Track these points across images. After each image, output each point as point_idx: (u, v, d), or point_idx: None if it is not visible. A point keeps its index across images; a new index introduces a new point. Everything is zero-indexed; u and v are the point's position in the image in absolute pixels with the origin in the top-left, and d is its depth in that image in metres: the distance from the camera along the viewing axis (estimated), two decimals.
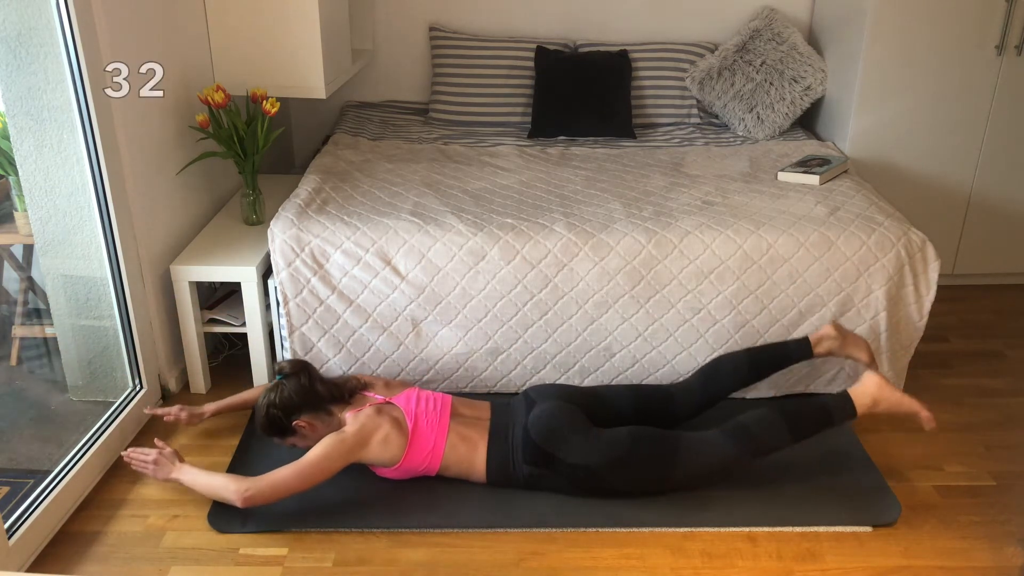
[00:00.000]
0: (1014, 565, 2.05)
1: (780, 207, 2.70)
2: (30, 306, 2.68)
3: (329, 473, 2.10)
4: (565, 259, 2.50)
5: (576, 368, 2.62)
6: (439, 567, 2.03)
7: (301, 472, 2.07)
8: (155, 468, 2.18)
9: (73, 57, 2.19)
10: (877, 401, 2.20)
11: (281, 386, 2.23)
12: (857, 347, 2.44)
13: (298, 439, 2.25)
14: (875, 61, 3.13)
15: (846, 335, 2.44)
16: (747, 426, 2.16)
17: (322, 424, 2.22)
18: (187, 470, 2.15)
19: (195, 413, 2.43)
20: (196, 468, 2.15)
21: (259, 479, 2.07)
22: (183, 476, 2.15)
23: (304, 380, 2.24)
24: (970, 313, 3.31)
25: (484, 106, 3.59)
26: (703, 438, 2.18)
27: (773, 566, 2.04)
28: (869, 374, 2.24)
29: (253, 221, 2.88)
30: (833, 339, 2.42)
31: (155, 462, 2.18)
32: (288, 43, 2.94)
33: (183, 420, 2.42)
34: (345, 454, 2.12)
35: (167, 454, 2.19)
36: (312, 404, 2.23)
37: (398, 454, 2.18)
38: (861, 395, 2.21)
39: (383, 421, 2.18)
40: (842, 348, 2.43)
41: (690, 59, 3.58)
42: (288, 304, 2.53)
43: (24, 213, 2.39)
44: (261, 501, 2.06)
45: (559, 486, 2.21)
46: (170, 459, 2.18)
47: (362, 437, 2.15)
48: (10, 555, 1.91)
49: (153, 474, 2.19)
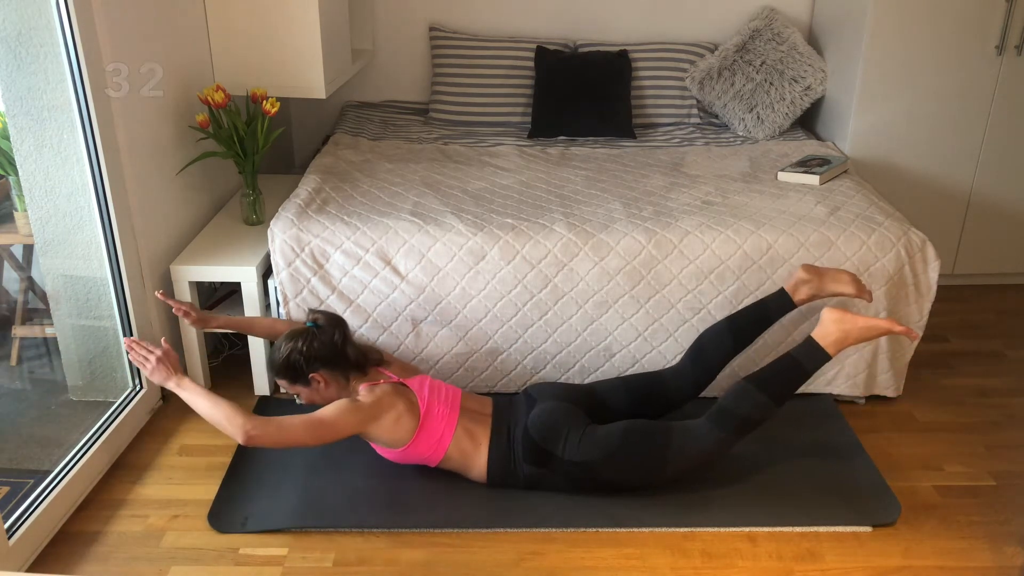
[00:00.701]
0: (1014, 565, 2.05)
1: (780, 207, 2.70)
2: (30, 306, 2.68)
3: (337, 435, 2.06)
4: (565, 259, 2.50)
5: (576, 368, 2.62)
6: (439, 567, 2.03)
7: (310, 425, 2.02)
8: (154, 368, 2.05)
9: (73, 57, 2.19)
10: (844, 333, 2.13)
11: (313, 335, 2.17)
12: (838, 281, 2.34)
13: (306, 391, 2.20)
14: (875, 61, 3.13)
15: (822, 272, 2.34)
16: (727, 407, 2.13)
17: (336, 385, 2.20)
18: (188, 384, 2.02)
19: (203, 318, 2.36)
20: (199, 387, 2.02)
21: (267, 420, 1.99)
22: (183, 389, 2.02)
23: (338, 337, 2.19)
24: (970, 313, 3.30)
25: (484, 106, 3.59)
26: (692, 426, 2.16)
27: (773, 566, 2.04)
28: (825, 310, 2.16)
29: (253, 221, 2.88)
30: (808, 281, 2.33)
31: (157, 360, 2.05)
32: (288, 43, 2.94)
33: (191, 318, 2.34)
34: (357, 423, 2.09)
35: (172, 357, 2.07)
36: (336, 363, 2.19)
37: (406, 438, 2.16)
38: (824, 334, 2.15)
39: (398, 401, 2.16)
40: (822, 287, 2.34)
41: (690, 59, 3.58)
42: (288, 304, 2.53)
43: (24, 213, 2.39)
44: (264, 442, 1.97)
45: (559, 486, 2.21)
46: (174, 365, 2.06)
47: (377, 411, 2.12)
48: (10, 555, 1.91)
49: (149, 374, 2.06)
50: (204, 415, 2.00)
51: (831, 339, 2.14)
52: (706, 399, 2.50)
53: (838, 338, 2.14)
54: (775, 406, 2.13)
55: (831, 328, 2.15)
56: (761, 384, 2.14)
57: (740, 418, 2.11)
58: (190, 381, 2.03)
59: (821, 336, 2.16)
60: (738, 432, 2.13)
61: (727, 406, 2.14)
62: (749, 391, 2.13)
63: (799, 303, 2.37)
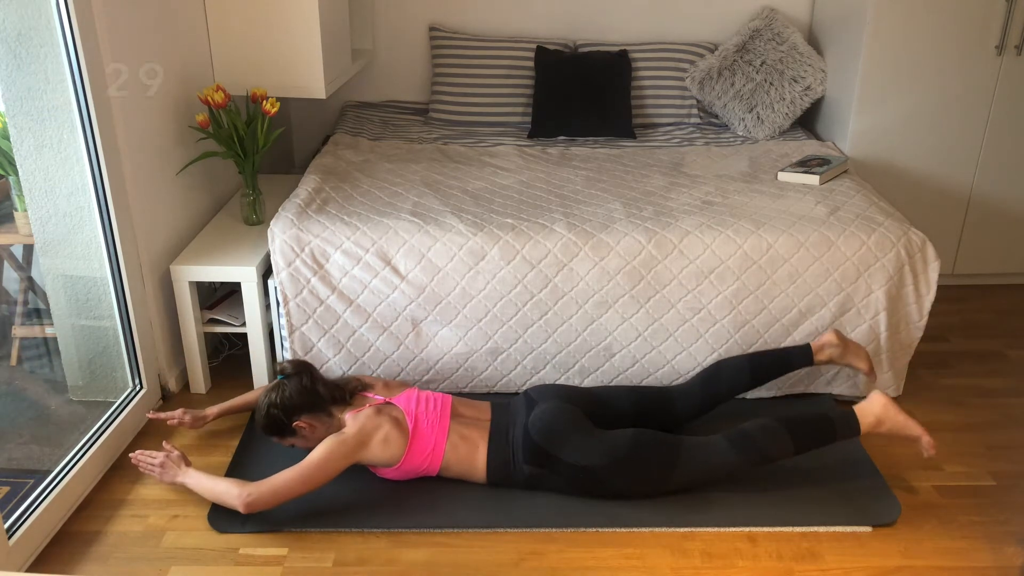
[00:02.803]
0: (1014, 565, 2.05)
1: (780, 207, 2.70)
2: (30, 306, 2.68)
3: (331, 475, 2.10)
4: (565, 259, 2.50)
5: (576, 368, 2.62)
6: (439, 567, 2.03)
7: (302, 475, 2.07)
8: (162, 471, 2.21)
9: (73, 57, 2.19)
10: (881, 421, 2.22)
11: (282, 386, 2.24)
12: (857, 356, 2.47)
13: (298, 440, 2.25)
14: (875, 61, 3.13)
15: (847, 343, 2.46)
16: (751, 434, 2.18)
17: (322, 425, 2.22)
18: (192, 474, 2.16)
19: (198, 416, 2.44)
20: (201, 472, 2.16)
21: (260, 484, 2.07)
22: (188, 480, 2.17)
23: (306, 381, 2.24)
24: (970, 313, 3.30)
25: (484, 106, 3.59)
26: (706, 443, 2.19)
27: (773, 566, 2.04)
28: (876, 394, 2.26)
29: (253, 221, 2.88)
30: (835, 347, 2.44)
31: (162, 465, 2.21)
32: (288, 43, 2.94)
33: (187, 423, 2.42)
34: (346, 455, 2.12)
35: (174, 457, 2.22)
36: (313, 405, 2.23)
37: (398, 454, 2.18)
38: (867, 414, 2.23)
39: (383, 421, 2.18)
40: (843, 356, 2.46)
41: (690, 59, 3.58)
42: (288, 304, 2.53)
43: (24, 213, 2.39)
44: (263, 506, 2.07)
45: (559, 486, 2.21)
46: (176, 462, 2.21)
47: (362, 438, 2.15)
48: (10, 555, 1.91)
49: (160, 477, 2.21)
50: (208, 496, 2.13)
51: (870, 419, 2.23)
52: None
53: (875, 422, 2.23)
54: (793, 452, 2.20)
55: (876, 410, 2.24)
56: (792, 429, 2.19)
57: (760, 451, 2.17)
58: (194, 470, 2.18)
59: (863, 414, 2.23)
60: (752, 462, 2.17)
61: (753, 435, 2.17)
62: (780, 432, 2.18)
63: (818, 363, 2.47)
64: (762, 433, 2.18)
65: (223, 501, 2.09)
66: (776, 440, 2.17)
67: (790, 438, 2.18)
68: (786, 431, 2.18)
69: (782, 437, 2.17)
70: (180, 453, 2.23)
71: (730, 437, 2.19)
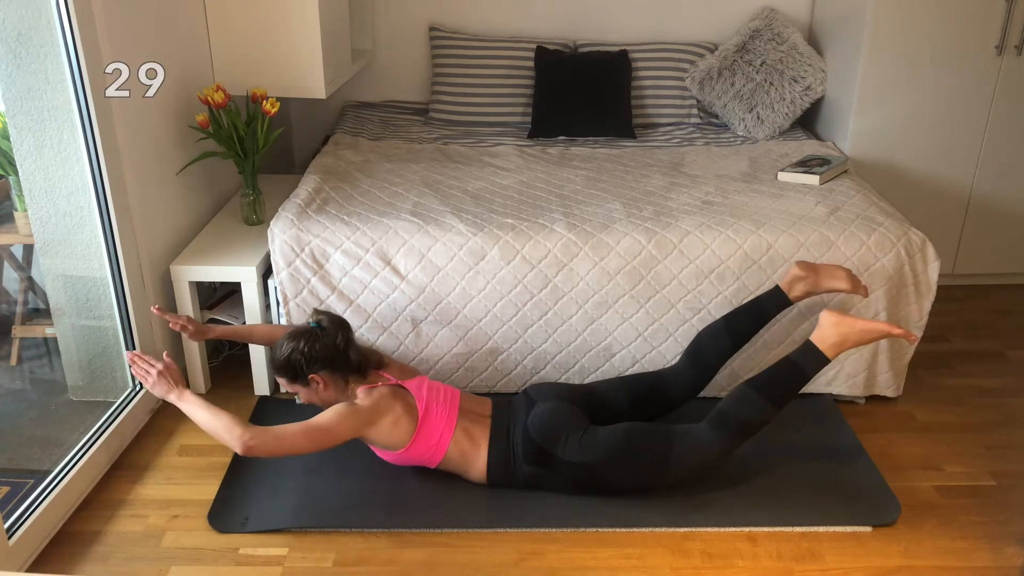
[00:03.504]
0: (1014, 565, 2.05)
1: (780, 207, 2.70)
2: (30, 306, 2.68)
3: (335, 440, 2.05)
4: (565, 259, 2.50)
5: (576, 368, 2.62)
6: (439, 567, 2.03)
7: (308, 432, 2.02)
8: (155, 381, 2.07)
9: (73, 57, 2.19)
10: (843, 336, 2.12)
11: (316, 336, 2.16)
12: (834, 277, 2.34)
13: (306, 391, 2.20)
14: (875, 61, 3.13)
15: (817, 268, 2.35)
16: (726, 411, 2.14)
17: (335, 388, 2.19)
18: (189, 398, 2.03)
19: (202, 330, 2.36)
20: (199, 399, 2.03)
21: (265, 430, 1.99)
22: (183, 402, 2.04)
23: (340, 340, 2.18)
24: (970, 313, 3.30)
25: (484, 106, 3.59)
26: (694, 430, 2.16)
27: (773, 566, 2.04)
28: (824, 313, 2.16)
29: (253, 221, 2.88)
30: (803, 278, 2.34)
31: (159, 374, 2.07)
32: (288, 43, 2.94)
33: (189, 332, 2.34)
34: (355, 427, 2.09)
35: (173, 371, 2.09)
36: (336, 365, 2.18)
37: (405, 439, 2.16)
38: (823, 338, 2.14)
39: (396, 403, 2.16)
40: (817, 284, 2.35)
41: (690, 59, 3.58)
42: (288, 304, 2.53)
43: (24, 213, 2.39)
44: (262, 452, 1.97)
45: (559, 486, 2.21)
46: (176, 378, 2.08)
47: (375, 414, 2.12)
48: (10, 555, 1.91)
49: (151, 387, 2.08)
50: (203, 427, 2.00)
51: (829, 342, 2.14)
52: (708, 399, 2.51)
53: (836, 341, 2.14)
54: (774, 410, 2.13)
55: (829, 332, 2.15)
56: (760, 388, 2.14)
57: (739, 421, 2.12)
58: (191, 394, 2.04)
59: (820, 340, 2.15)
60: (738, 436, 2.13)
61: (727, 410, 2.14)
62: (748, 395, 2.13)
63: (795, 300, 2.38)
64: (735, 403, 2.13)
65: (220, 437, 1.97)
66: (752, 406, 2.11)
67: (765, 399, 2.11)
68: (757, 394, 2.12)
69: (756, 401, 2.11)
70: (180, 369, 2.10)
71: (710, 419, 2.15)
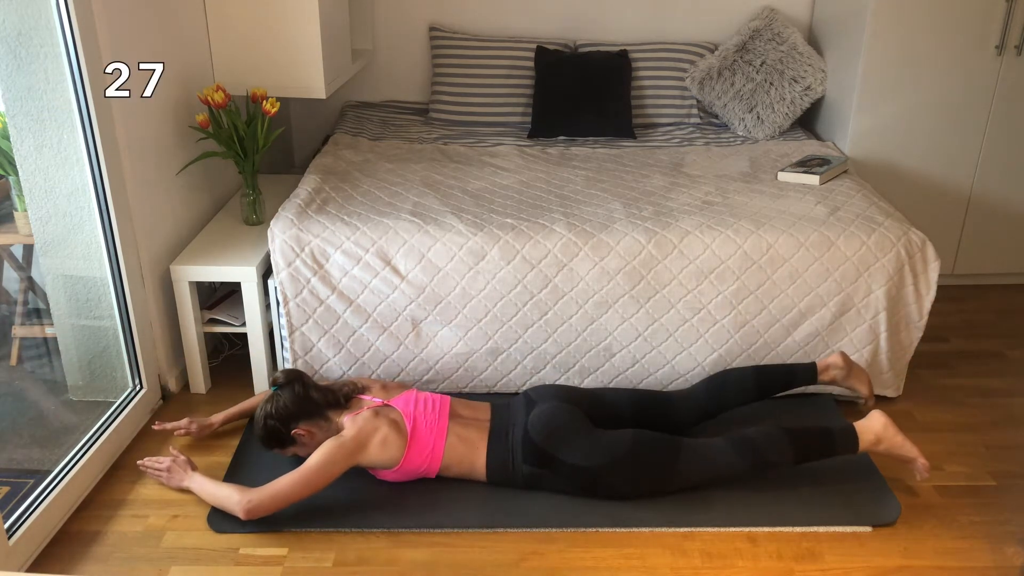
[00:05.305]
0: (1014, 565, 2.05)
1: (780, 207, 2.70)
2: (30, 306, 2.68)
3: (330, 478, 2.10)
4: (565, 259, 2.50)
5: (576, 368, 2.62)
6: (439, 567, 2.03)
7: (302, 480, 2.08)
8: (168, 476, 2.26)
9: (73, 57, 2.19)
10: (880, 440, 2.22)
11: (276, 396, 2.24)
12: (860, 380, 2.47)
13: (299, 448, 2.25)
14: (875, 61, 3.13)
15: (852, 367, 2.47)
16: (753, 440, 2.18)
17: (320, 431, 2.22)
18: (197, 479, 2.20)
19: (204, 425, 2.45)
20: (205, 477, 2.20)
21: (261, 490, 2.08)
22: (193, 484, 2.21)
23: (298, 389, 2.24)
24: (970, 313, 3.30)
25: (484, 106, 3.59)
26: (707, 445, 2.19)
27: (773, 566, 2.04)
28: (876, 413, 2.26)
29: (253, 221, 2.88)
30: (840, 368, 2.45)
31: (168, 470, 2.26)
32: (288, 43, 2.94)
33: (193, 433, 2.44)
34: (345, 458, 2.12)
35: (180, 462, 2.26)
36: (309, 412, 2.23)
37: (397, 456, 2.18)
38: (866, 431, 2.23)
39: (381, 423, 2.18)
40: (846, 379, 2.46)
41: (690, 59, 3.58)
42: (288, 304, 2.53)
43: (24, 213, 2.39)
44: (263, 512, 2.08)
45: (559, 486, 2.21)
46: (183, 467, 2.25)
47: (361, 440, 2.15)
48: (10, 555, 1.91)
49: (166, 482, 2.26)
50: (211, 501, 2.16)
51: (869, 437, 2.23)
52: None
53: (874, 440, 2.23)
54: (793, 463, 2.21)
55: (877, 429, 2.23)
56: (794, 439, 2.20)
57: (761, 457, 2.17)
58: (199, 475, 2.22)
59: (863, 431, 2.24)
60: (752, 468, 2.18)
61: (754, 440, 2.18)
62: (781, 439, 2.19)
63: (821, 382, 2.48)
64: (765, 439, 2.18)
65: (224, 507, 2.11)
66: (777, 447, 2.18)
67: (791, 447, 2.19)
68: (788, 440, 2.19)
69: (783, 445, 2.18)
70: (186, 458, 2.26)
71: (732, 439, 2.19)
